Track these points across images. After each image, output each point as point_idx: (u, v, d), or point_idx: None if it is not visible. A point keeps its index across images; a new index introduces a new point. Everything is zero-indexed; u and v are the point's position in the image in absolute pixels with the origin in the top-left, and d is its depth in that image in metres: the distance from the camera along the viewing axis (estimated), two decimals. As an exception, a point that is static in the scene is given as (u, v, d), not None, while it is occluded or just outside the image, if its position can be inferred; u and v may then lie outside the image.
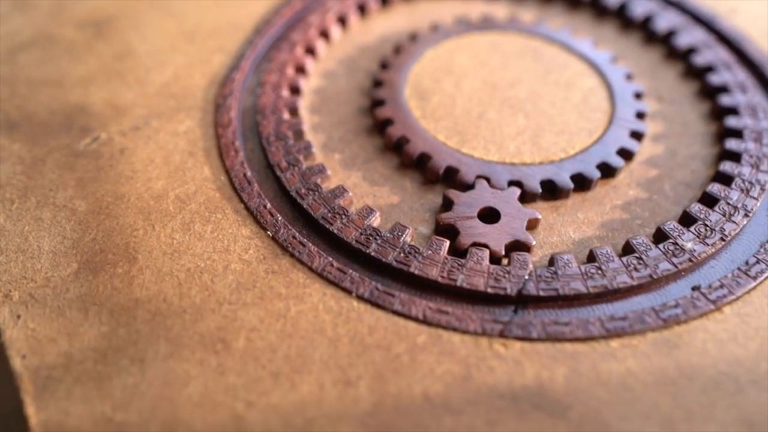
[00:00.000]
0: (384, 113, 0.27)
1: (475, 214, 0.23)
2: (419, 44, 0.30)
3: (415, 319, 0.20)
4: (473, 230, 0.23)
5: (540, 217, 0.23)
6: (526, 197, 0.24)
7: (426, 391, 0.19)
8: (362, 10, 0.32)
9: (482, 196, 0.23)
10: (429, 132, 0.26)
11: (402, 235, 0.22)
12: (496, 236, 0.22)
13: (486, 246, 0.22)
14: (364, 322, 0.20)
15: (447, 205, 0.24)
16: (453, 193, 0.24)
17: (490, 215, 0.23)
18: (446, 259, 0.22)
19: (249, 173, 0.24)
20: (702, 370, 0.19)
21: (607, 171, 0.25)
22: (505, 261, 0.22)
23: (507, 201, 0.23)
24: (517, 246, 0.22)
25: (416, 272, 0.21)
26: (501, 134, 0.26)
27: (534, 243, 0.22)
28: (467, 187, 0.24)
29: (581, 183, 0.25)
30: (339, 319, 0.20)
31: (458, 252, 0.22)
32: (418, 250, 0.22)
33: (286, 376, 0.19)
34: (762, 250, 0.22)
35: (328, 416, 0.18)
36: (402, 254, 0.22)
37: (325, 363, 0.19)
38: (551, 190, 0.24)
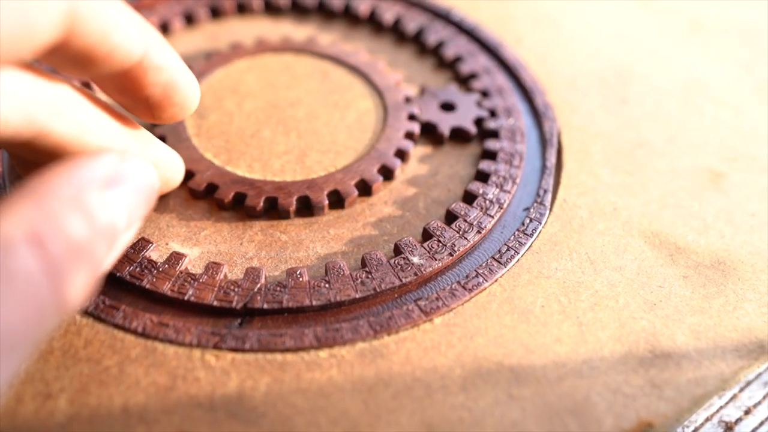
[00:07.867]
0: (159, 130, 0.27)
1: None
2: (211, 63, 0.30)
3: (134, 332, 0.21)
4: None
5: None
6: (281, 213, 0.25)
7: (126, 402, 0.19)
8: (164, 28, 0.33)
9: None
10: (198, 149, 0.27)
11: (144, 251, 0.23)
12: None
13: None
14: (82, 335, 0.21)
15: None
16: None
17: None
18: (181, 273, 0.23)
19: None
20: (399, 377, 0.21)
21: (365, 189, 0.26)
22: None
23: None
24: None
25: (147, 286, 0.22)
26: (269, 152, 0.27)
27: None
28: (225, 202, 0.25)
29: (338, 200, 0.26)
30: (58, 333, 0.21)
31: None
32: (156, 264, 0.23)
33: (-14, 390, 0.19)
34: (484, 264, 0.24)
35: (18, 430, 0.18)
36: (138, 269, 0.22)
37: (31, 377, 0.20)
38: (308, 207, 0.26)
